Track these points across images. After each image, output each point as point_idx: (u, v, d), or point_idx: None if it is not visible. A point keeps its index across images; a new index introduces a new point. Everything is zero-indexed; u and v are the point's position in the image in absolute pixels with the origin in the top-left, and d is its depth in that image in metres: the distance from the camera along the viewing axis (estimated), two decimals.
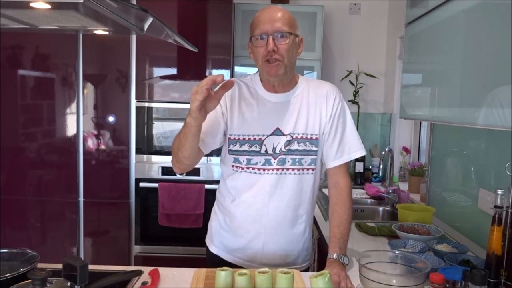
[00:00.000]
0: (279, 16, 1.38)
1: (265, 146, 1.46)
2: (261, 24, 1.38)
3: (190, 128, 1.29)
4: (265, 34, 1.37)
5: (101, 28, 1.32)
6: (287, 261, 1.53)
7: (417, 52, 1.83)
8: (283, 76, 1.43)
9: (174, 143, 1.42)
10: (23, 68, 2.86)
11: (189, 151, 1.37)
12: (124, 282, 1.29)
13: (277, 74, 1.41)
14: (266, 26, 1.37)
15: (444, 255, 1.53)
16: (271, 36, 1.37)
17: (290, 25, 1.40)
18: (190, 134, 1.31)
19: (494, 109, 1.15)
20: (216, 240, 1.59)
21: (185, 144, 1.34)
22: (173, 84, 2.94)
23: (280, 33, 1.37)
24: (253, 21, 1.43)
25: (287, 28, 1.38)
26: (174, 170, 1.48)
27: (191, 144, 1.34)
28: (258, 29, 1.39)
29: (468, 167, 1.93)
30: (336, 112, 1.49)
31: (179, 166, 1.44)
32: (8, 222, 2.88)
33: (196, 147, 1.37)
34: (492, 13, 1.22)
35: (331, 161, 1.51)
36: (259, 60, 1.42)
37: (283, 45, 1.38)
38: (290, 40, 1.39)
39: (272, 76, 1.42)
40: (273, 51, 1.37)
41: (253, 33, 1.41)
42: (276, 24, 1.37)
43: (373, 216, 2.59)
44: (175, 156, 1.42)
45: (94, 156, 2.91)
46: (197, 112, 1.23)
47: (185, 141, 1.34)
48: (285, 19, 1.39)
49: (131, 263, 2.97)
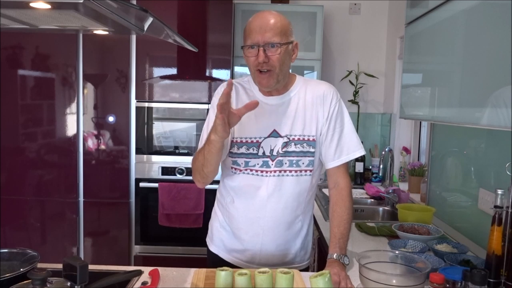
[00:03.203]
0: (270, 26, 1.36)
1: (263, 148, 1.46)
2: (252, 34, 1.37)
3: (215, 144, 1.30)
4: (256, 44, 1.36)
5: (101, 28, 1.32)
6: (285, 261, 1.54)
7: (417, 52, 1.83)
8: (275, 85, 1.43)
9: (196, 161, 1.42)
10: (23, 68, 2.86)
11: (214, 165, 1.39)
12: (124, 282, 1.29)
13: (268, 84, 1.41)
14: (257, 36, 1.36)
15: (444, 255, 1.53)
16: (261, 48, 1.35)
17: (283, 33, 1.37)
18: (215, 150, 1.32)
19: (499, 109, 1.14)
20: (216, 239, 1.59)
21: (210, 160, 1.36)
22: (173, 84, 2.94)
23: (271, 43, 1.36)
24: (245, 29, 1.42)
25: (278, 39, 1.36)
26: (198, 186, 1.50)
27: (217, 158, 1.36)
28: (249, 39, 1.38)
29: (468, 167, 1.93)
30: (333, 113, 1.49)
31: (203, 181, 1.46)
32: (8, 222, 2.88)
33: (220, 160, 1.40)
34: (492, 13, 1.22)
35: (330, 162, 1.50)
36: (251, 69, 1.42)
37: (274, 55, 1.37)
38: (282, 50, 1.37)
39: (263, 86, 1.43)
40: (264, 62, 1.36)
41: (245, 42, 1.40)
42: (266, 35, 1.35)
43: (373, 216, 2.59)
44: (199, 172, 1.43)
45: (94, 156, 2.91)
46: (222, 132, 1.24)
47: (210, 157, 1.35)
48: (276, 28, 1.36)
49: (131, 263, 2.97)
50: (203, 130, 1.50)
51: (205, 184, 1.48)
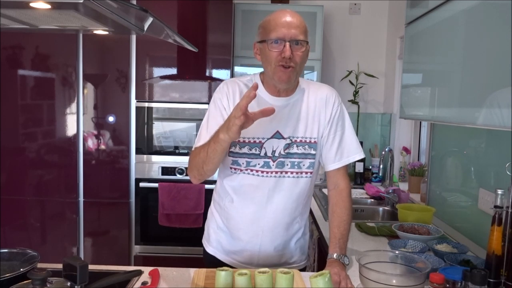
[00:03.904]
0: (297, 23, 1.37)
1: (265, 149, 1.46)
2: (278, 28, 1.36)
3: (222, 144, 1.29)
4: (282, 39, 1.36)
5: (101, 28, 1.32)
6: (282, 262, 1.54)
7: (417, 52, 1.83)
8: (292, 82, 1.43)
9: (196, 157, 1.40)
10: (23, 68, 2.86)
11: (216, 164, 1.38)
12: (124, 282, 1.29)
13: (289, 80, 1.40)
14: (283, 31, 1.35)
15: (444, 255, 1.53)
16: (288, 42, 1.35)
17: (306, 33, 1.40)
18: (221, 149, 1.31)
19: (493, 110, 1.16)
20: (213, 240, 1.59)
21: (213, 159, 1.35)
22: (173, 84, 2.94)
23: (296, 40, 1.36)
24: (267, 23, 1.40)
25: (303, 37, 1.38)
26: (193, 182, 1.48)
27: (220, 158, 1.36)
28: (274, 32, 1.36)
29: (468, 167, 1.93)
30: (335, 116, 1.49)
31: (200, 177, 1.44)
32: (8, 222, 2.88)
33: (222, 159, 1.39)
34: (492, 13, 1.22)
35: (330, 164, 1.51)
36: (271, 63, 1.39)
37: (298, 53, 1.37)
38: (305, 49, 1.39)
39: (283, 82, 1.41)
40: (289, 58, 1.36)
41: (268, 36, 1.38)
42: (293, 31, 1.36)
43: (373, 216, 2.59)
44: (197, 169, 1.41)
45: (94, 156, 2.91)
46: (236, 133, 1.23)
47: (214, 155, 1.33)
48: (302, 26, 1.38)
49: (131, 263, 2.97)
50: (202, 126, 1.48)
51: (200, 181, 1.46)
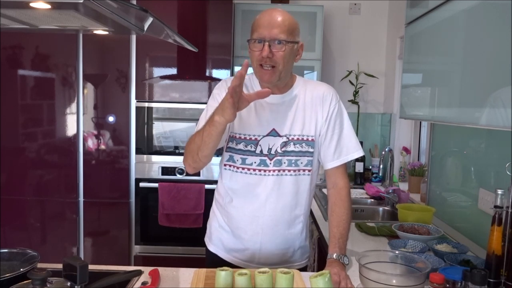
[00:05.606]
0: (279, 22, 1.36)
1: (260, 147, 1.46)
2: (260, 28, 1.37)
3: (217, 126, 1.28)
4: (262, 39, 1.36)
5: (101, 28, 1.32)
6: (284, 260, 1.54)
7: (417, 52, 1.83)
8: (276, 82, 1.43)
9: (192, 143, 1.39)
10: (23, 68, 2.86)
11: (211, 150, 1.36)
12: (124, 282, 1.29)
13: (270, 80, 1.41)
14: (264, 31, 1.36)
15: (444, 255, 1.53)
16: (267, 43, 1.36)
17: (290, 32, 1.38)
18: (216, 133, 1.30)
19: (497, 109, 1.15)
20: (215, 238, 1.59)
21: (209, 143, 1.34)
22: (173, 84, 2.94)
23: (278, 40, 1.36)
24: (253, 23, 1.42)
25: (284, 36, 1.36)
26: (188, 171, 1.46)
27: (215, 142, 1.34)
28: (256, 32, 1.38)
29: (468, 167, 1.93)
30: (333, 114, 1.49)
31: (195, 165, 1.43)
32: (8, 222, 2.88)
33: (217, 145, 1.38)
34: (492, 13, 1.22)
35: (329, 162, 1.51)
36: (254, 63, 1.42)
37: (280, 52, 1.37)
38: (287, 48, 1.38)
39: (264, 82, 1.43)
40: (268, 57, 1.36)
41: (252, 36, 1.41)
42: (274, 31, 1.36)
43: (373, 216, 2.59)
44: (192, 156, 1.40)
45: (94, 156, 2.91)
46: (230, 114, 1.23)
47: (209, 139, 1.32)
48: (284, 26, 1.37)
49: (131, 263, 2.97)
50: (200, 119, 1.48)
51: (195, 170, 1.44)
